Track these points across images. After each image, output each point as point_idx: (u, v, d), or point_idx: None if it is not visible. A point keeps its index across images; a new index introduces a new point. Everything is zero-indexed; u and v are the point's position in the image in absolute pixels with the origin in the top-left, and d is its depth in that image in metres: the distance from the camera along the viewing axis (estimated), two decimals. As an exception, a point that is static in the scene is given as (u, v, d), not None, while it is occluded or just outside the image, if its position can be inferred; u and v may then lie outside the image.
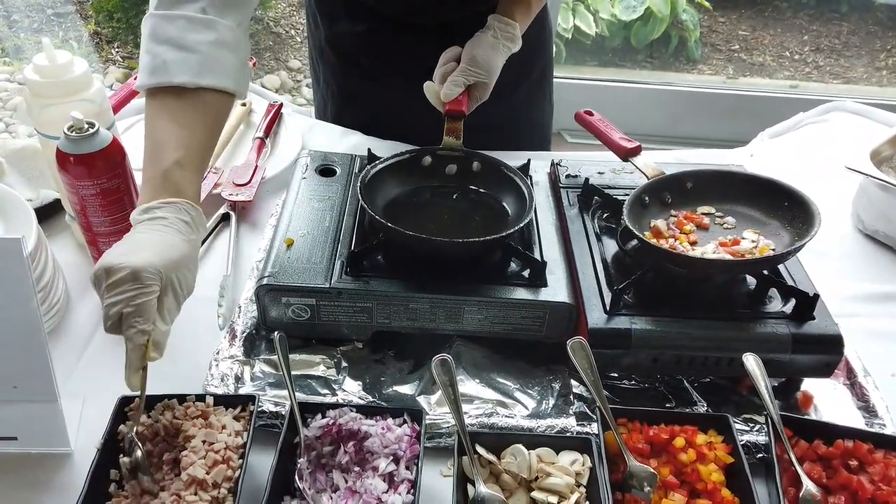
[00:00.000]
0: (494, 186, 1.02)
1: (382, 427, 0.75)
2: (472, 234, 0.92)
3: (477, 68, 0.99)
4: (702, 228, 0.93)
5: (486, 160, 1.03)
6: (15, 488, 0.75)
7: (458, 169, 1.03)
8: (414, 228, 0.86)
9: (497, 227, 0.95)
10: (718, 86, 3.14)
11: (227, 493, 0.69)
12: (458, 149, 1.02)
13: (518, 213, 0.96)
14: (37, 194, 1.06)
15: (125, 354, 0.71)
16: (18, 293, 0.70)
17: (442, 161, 1.03)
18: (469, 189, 1.03)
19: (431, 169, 1.03)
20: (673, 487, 0.72)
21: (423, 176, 1.02)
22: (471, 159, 1.03)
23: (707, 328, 0.83)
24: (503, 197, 1.01)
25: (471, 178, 1.03)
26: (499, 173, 1.01)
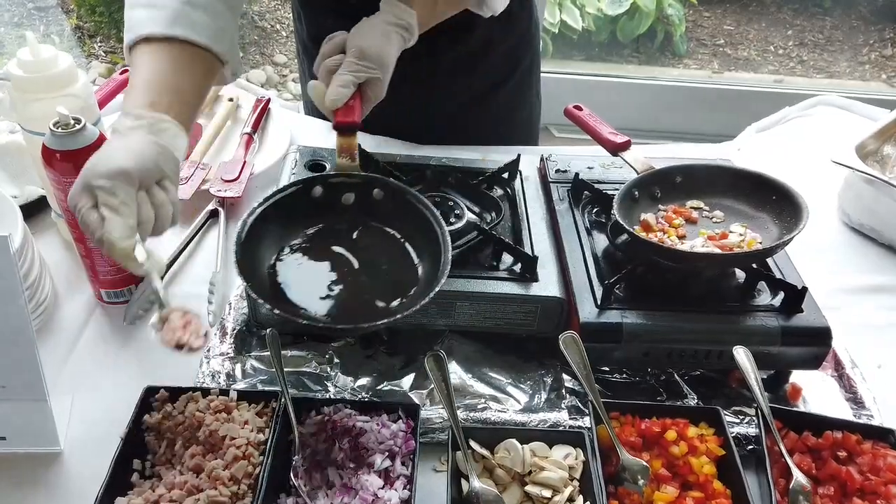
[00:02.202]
0: (400, 221, 0.83)
1: (377, 423, 0.74)
2: (380, 290, 0.78)
3: (367, 62, 0.82)
4: (691, 222, 0.94)
5: (389, 187, 0.84)
6: (3, 488, 0.74)
7: (357, 198, 0.84)
8: (311, 292, 0.75)
9: (405, 282, 0.79)
10: (704, 80, 3.16)
11: (248, 489, 0.68)
12: (355, 173, 0.83)
13: (431, 264, 0.79)
14: (21, 191, 1.05)
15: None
16: (5, 291, 0.69)
17: (336, 190, 0.84)
18: (371, 225, 0.84)
19: (324, 201, 0.83)
20: (665, 480, 0.72)
21: (315, 212, 0.83)
22: (371, 185, 0.84)
23: (697, 321, 0.83)
24: (410, 237, 0.83)
25: (373, 210, 0.84)
26: (405, 204, 0.82)
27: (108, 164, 0.70)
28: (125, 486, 0.70)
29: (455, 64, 1.20)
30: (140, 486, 0.70)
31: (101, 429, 0.80)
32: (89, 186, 0.70)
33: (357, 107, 0.82)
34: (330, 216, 0.84)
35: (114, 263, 0.90)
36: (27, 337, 0.71)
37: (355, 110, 0.82)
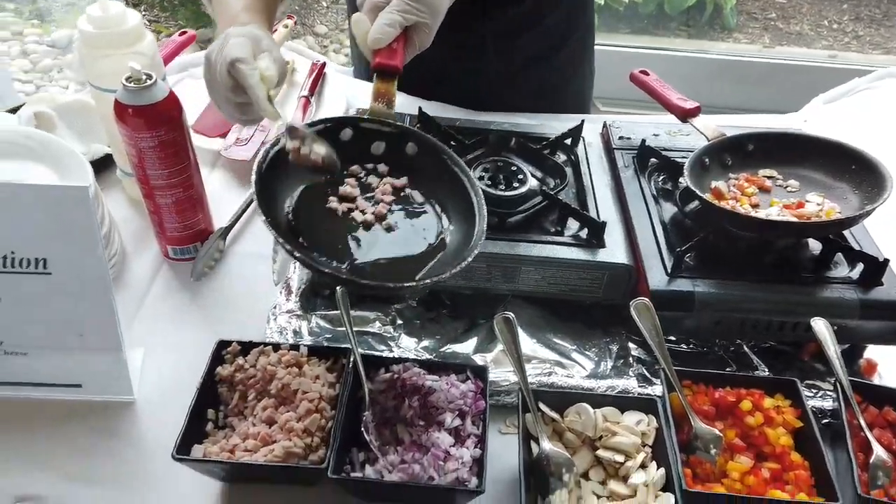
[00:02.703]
0: (432, 182, 0.78)
1: (446, 383, 0.74)
2: (405, 252, 0.73)
3: (419, 4, 0.75)
4: (764, 191, 0.91)
5: (425, 142, 0.78)
6: (80, 434, 0.76)
7: (387, 149, 0.79)
8: (329, 242, 0.70)
9: (433, 246, 0.74)
10: (754, 55, 3.07)
11: (321, 441, 0.69)
12: (390, 121, 0.77)
13: (461, 232, 0.74)
14: (87, 149, 1.06)
15: (249, 94, 0.75)
16: (85, 242, 0.70)
17: (367, 136, 0.78)
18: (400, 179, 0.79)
19: (353, 146, 0.77)
20: (739, 450, 0.71)
21: (344, 155, 0.75)
22: (405, 138, 0.78)
23: (772, 292, 0.81)
24: (441, 201, 0.78)
25: (403, 165, 0.79)
26: (440, 164, 0.77)
27: (257, 34, 0.80)
28: (200, 434, 0.71)
29: (506, 28, 1.18)
30: (214, 436, 0.71)
31: (170, 381, 0.81)
32: (250, 41, 0.77)
33: (400, 51, 0.76)
34: (356, 163, 0.78)
35: (182, 220, 0.91)
36: (105, 288, 0.73)
37: (398, 54, 0.75)
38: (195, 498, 0.71)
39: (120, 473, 0.74)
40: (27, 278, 0.71)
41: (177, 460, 0.67)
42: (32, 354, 0.76)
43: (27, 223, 0.69)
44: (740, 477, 0.69)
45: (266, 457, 0.67)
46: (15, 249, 0.71)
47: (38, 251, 0.71)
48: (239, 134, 1.14)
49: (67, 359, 0.76)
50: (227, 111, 0.80)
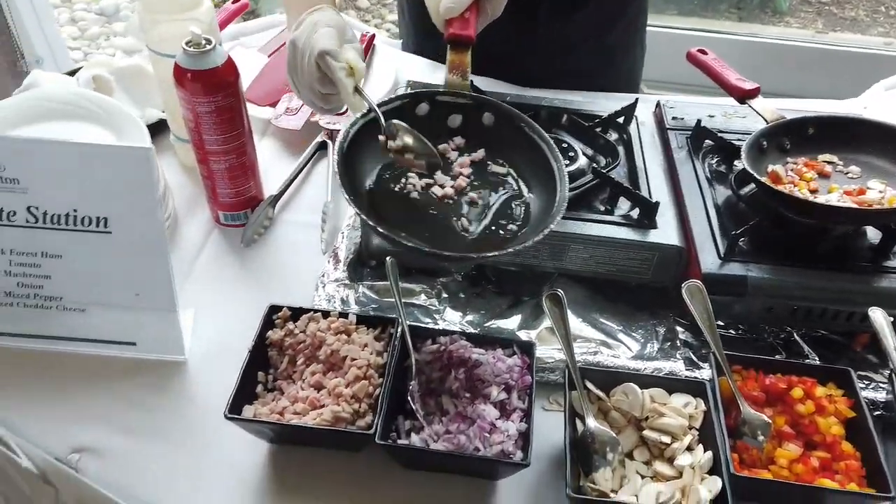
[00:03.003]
0: (510, 151, 0.77)
1: (493, 356, 0.74)
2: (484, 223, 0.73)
3: None
4: (823, 176, 0.89)
5: (502, 112, 0.77)
6: (133, 390, 0.78)
7: (464, 121, 0.79)
8: (411, 218, 0.70)
9: (514, 216, 0.74)
10: (807, 40, 2.98)
11: (368, 408, 0.70)
12: (465, 93, 0.77)
13: (542, 199, 0.74)
14: (142, 113, 1.08)
15: (338, 86, 0.74)
16: (145, 202, 0.72)
17: (443, 110, 0.78)
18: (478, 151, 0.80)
19: (429, 120, 0.77)
20: (788, 438, 0.70)
21: (420, 130, 0.74)
22: (481, 109, 0.78)
23: (829, 279, 0.80)
24: (520, 168, 0.77)
25: (481, 136, 0.78)
26: (517, 132, 0.76)
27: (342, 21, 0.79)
28: (250, 395, 0.72)
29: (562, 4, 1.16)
30: (264, 398, 0.73)
31: (219, 343, 0.83)
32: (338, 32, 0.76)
33: (472, 20, 0.75)
34: (434, 139, 0.76)
35: (234, 186, 0.92)
36: (162, 249, 0.74)
37: (470, 24, 0.75)
38: (242, 457, 0.73)
39: (171, 430, 0.76)
40: (88, 236, 0.73)
41: (228, 419, 0.68)
42: (90, 311, 0.78)
43: (90, 182, 0.71)
44: (788, 464, 0.68)
45: (315, 420, 0.68)
46: (77, 208, 0.72)
47: (99, 210, 0.72)
48: (289, 103, 1.15)
49: (123, 317, 0.78)
50: (308, 98, 0.79)
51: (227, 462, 0.73)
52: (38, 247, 0.75)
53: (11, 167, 0.70)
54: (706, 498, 0.64)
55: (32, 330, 0.79)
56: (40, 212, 0.73)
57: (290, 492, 0.71)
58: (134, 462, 0.73)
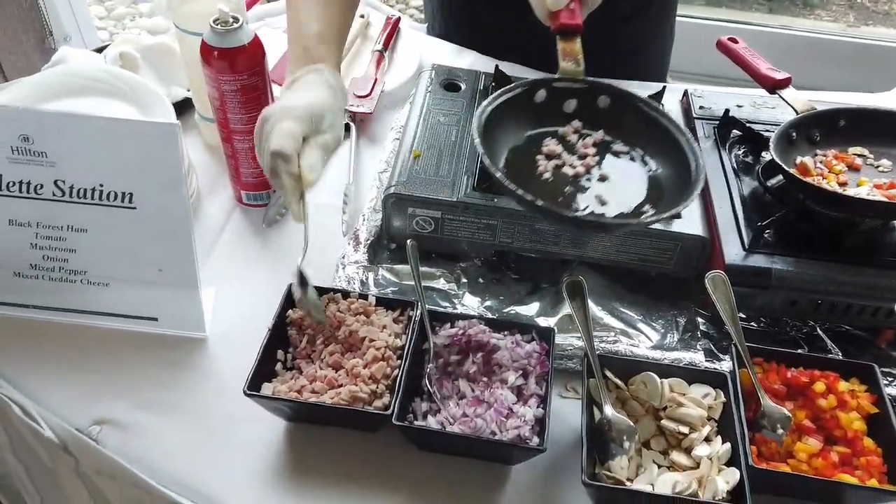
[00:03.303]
0: (629, 130, 0.80)
1: (511, 342, 0.74)
2: (616, 197, 0.74)
3: None
4: (853, 169, 0.87)
5: (617, 94, 0.80)
6: (155, 365, 0.79)
7: (579, 106, 0.81)
8: (548, 193, 0.72)
9: (643, 189, 0.76)
10: (838, 33, 2.92)
11: (385, 389, 0.70)
12: (580, 78, 0.79)
13: (673, 175, 0.75)
14: (167, 91, 1.08)
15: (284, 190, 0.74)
16: (171, 178, 0.72)
17: (559, 95, 0.80)
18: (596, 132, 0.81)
19: (547, 107, 0.80)
20: (808, 432, 0.69)
21: (537, 117, 0.79)
22: (596, 92, 0.80)
23: (855, 274, 0.78)
24: (643, 146, 0.79)
25: (597, 119, 0.81)
26: (635, 111, 0.79)
27: (339, 130, 0.79)
28: (269, 373, 0.73)
29: None
30: (282, 376, 0.73)
31: (239, 321, 0.83)
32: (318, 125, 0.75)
33: (577, 9, 0.78)
34: (551, 123, 0.80)
35: (257, 166, 0.92)
36: (185, 225, 0.75)
37: (576, 13, 0.77)
38: (260, 435, 0.74)
39: (191, 405, 0.76)
40: (114, 211, 0.74)
41: (248, 396, 0.69)
42: (114, 286, 0.79)
43: (117, 157, 0.72)
44: (807, 458, 0.67)
45: (333, 399, 0.69)
46: (104, 182, 0.73)
47: (125, 185, 0.73)
48: (313, 85, 1.15)
49: (146, 293, 0.79)
50: (265, 171, 0.78)
51: (244, 439, 0.73)
52: (65, 220, 0.75)
53: (39, 140, 0.71)
54: (723, 489, 0.63)
55: (57, 303, 0.80)
56: (67, 185, 0.73)
57: (306, 470, 0.72)
58: (153, 435, 0.74)
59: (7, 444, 0.84)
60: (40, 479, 0.88)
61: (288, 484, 0.70)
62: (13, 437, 0.83)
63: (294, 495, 0.70)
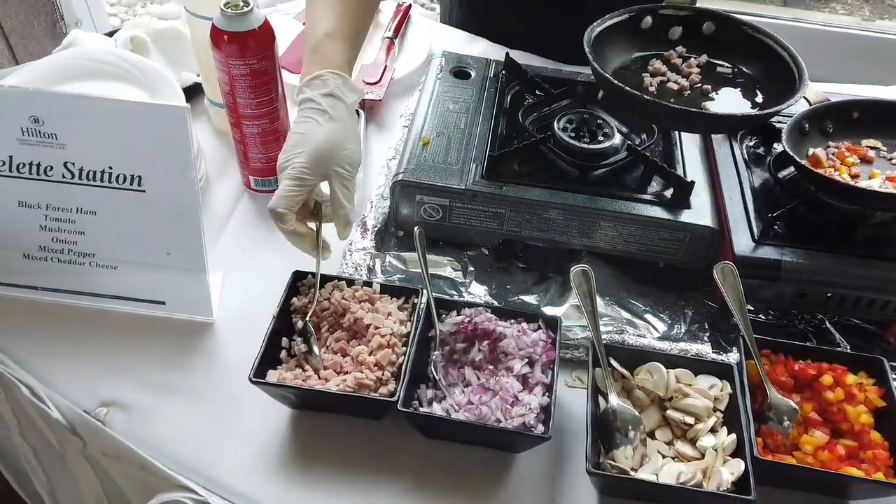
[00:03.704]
0: (733, 53, 0.86)
1: (518, 330, 0.74)
2: (722, 106, 0.82)
3: None
4: (865, 162, 0.86)
5: (722, 19, 0.86)
6: (162, 349, 0.80)
7: (684, 32, 0.89)
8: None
9: (751, 103, 0.82)
10: (854, 27, 2.89)
11: (391, 376, 0.70)
12: (686, 6, 0.87)
13: (775, 88, 0.81)
14: (177, 76, 1.08)
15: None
16: (179, 161, 0.72)
17: (665, 23, 0.88)
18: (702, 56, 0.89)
19: (652, 34, 0.88)
20: (815, 425, 0.69)
21: (643, 43, 0.88)
22: (701, 19, 0.87)
23: (866, 267, 0.78)
24: (748, 66, 0.85)
25: (700, 44, 0.87)
26: (740, 35, 0.85)
27: (352, 155, 0.78)
28: (275, 360, 0.73)
29: None
30: (287, 363, 0.73)
31: (247, 307, 0.83)
32: (334, 170, 0.76)
33: None
34: (656, 49, 0.88)
35: (266, 151, 0.92)
36: (194, 209, 0.75)
37: None
38: (265, 421, 0.74)
39: (197, 389, 0.77)
40: (122, 194, 0.74)
41: (253, 383, 0.69)
42: (122, 269, 0.79)
43: (126, 140, 0.72)
44: (813, 451, 0.67)
45: (338, 386, 0.69)
46: (113, 165, 0.73)
47: (134, 168, 0.73)
48: (322, 72, 1.14)
49: (154, 276, 0.79)
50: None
51: (250, 424, 0.74)
52: (74, 203, 0.76)
53: (50, 122, 0.71)
54: (728, 480, 0.63)
55: (65, 285, 0.80)
56: (76, 168, 0.74)
57: (310, 456, 0.72)
58: (160, 418, 0.74)
59: (15, 425, 0.84)
60: (48, 460, 0.89)
61: (292, 469, 0.71)
62: (21, 419, 0.83)
63: (298, 481, 0.70)
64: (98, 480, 0.81)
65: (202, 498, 0.68)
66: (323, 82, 0.78)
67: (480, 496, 0.70)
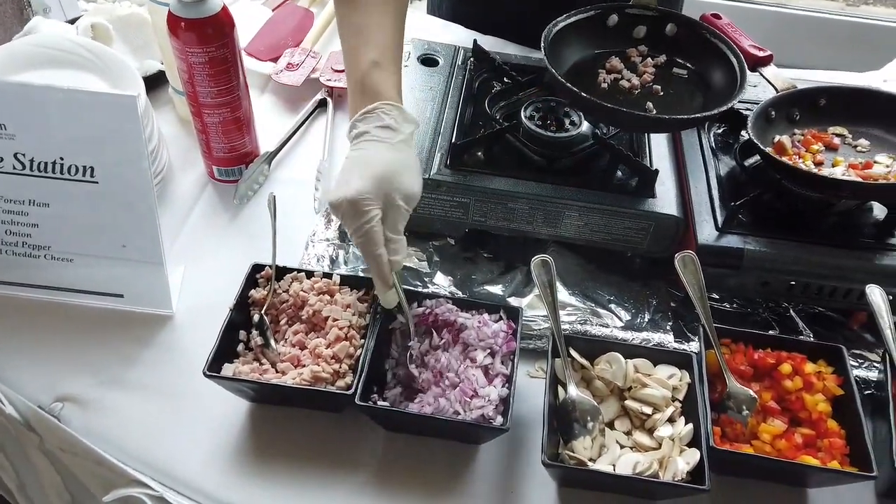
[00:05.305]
0: (691, 56, 0.89)
1: (479, 321, 0.74)
2: (671, 104, 0.84)
3: None
4: (831, 149, 0.86)
5: (684, 21, 0.90)
6: (120, 342, 0.79)
7: (648, 32, 0.91)
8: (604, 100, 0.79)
9: (691, 106, 0.85)
10: (836, 12, 2.88)
11: (349, 368, 0.70)
12: (651, 6, 0.90)
13: (722, 92, 0.84)
14: (141, 64, 1.06)
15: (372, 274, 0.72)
16: (131, 151, 0.71)
17: (630, 21, 0.91)
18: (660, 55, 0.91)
19: (617, 31, 0.91)
20: (773, 413, 0.69)
21: (606, 39, 0.91)
22: (665, 20, 0.90)
23: (828, 255, 0.77)
24: (702, 68, 0.88)
25: (662, 45, 0.91)
26: (698, 39, 0.88)
27: (412, 185, 0.72)
28: (232, 354, 0.72)
29: None
30: (245, 356, 0.72)
31: (209, 299, 0.82)
32: (388, 200, 0.70)
33: None
34: (619, 46, 0.90)
35: (228, 141, 0.91)
36: (148, 200, 0.73)
37: None
38: (225, 414, 0.73)
39: (155, 383, 0.76)
40: (75, 186, 0.73)
41: (207, 377, 0.68)
42: (77, 262, 0.78)
43: (76, 130, 0.70)
44: (771, 440, 0.67)
45: (295, 380, 0.68)
46: (64, 156, 0.72)
47: (86, 159, 0.72)
48: (290, 59, 1.13)
49: (110, 269, 0.78)
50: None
51: (209, 418, 0.73)
52: (26, 195, 0.74)
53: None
54: (683, 469, 0.63)
55: (20, 278, 0.79)
56: (27, 159, 0.72)
57: (269, 449, 0.71)
58: (116, 413, 0.73)
59: (-21, 420, 0.83)
60: (14, 455, 0.88)
61: (250, 463, 0.70)
62: (-17, 414, 0.82)
63: (256, 475, 0.69)
64: (58, 475, 0.81)
65: (157, 493, 0.68)
66: (377, 116, 0.74)
67: (440, 488, 0.69)
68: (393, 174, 0.70)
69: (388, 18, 0.78)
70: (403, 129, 0.74)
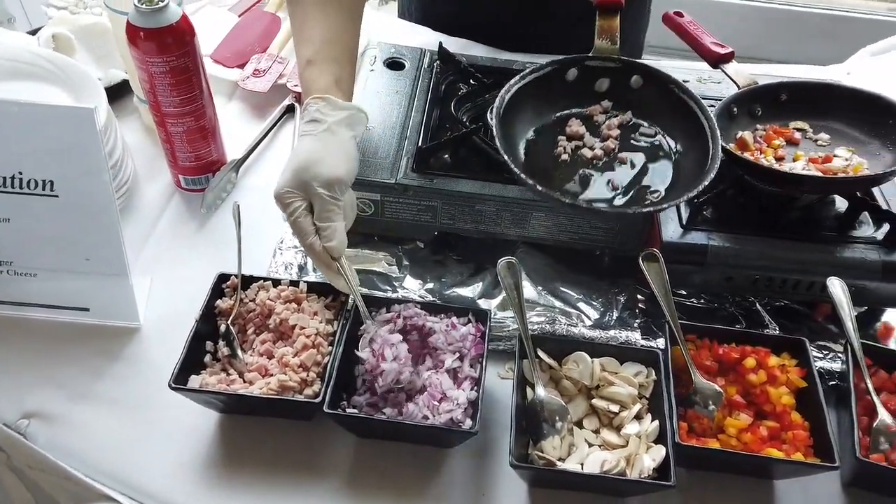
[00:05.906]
0: (657, 113, 0.81)
1: (447, 325, 0.74)
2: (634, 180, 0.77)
3: None
4: (792, 144, 0.87)
5: (650, 73, 0.81)
6: (87, 356, 0.78)
7: (612, 85, 0.83)
8: (562, 178, 0.75)
9: (660, 176, 0.78)
10: (808, 4, 2.92)
11: (316, 376, 0.69)
12: (614, 57, 0.81)
13: (696, 161, 0.76)
14: (104, 74, 1.05)
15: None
16: (90, 164, 0.70)
17: (591, 74, 0.82)
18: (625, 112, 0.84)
19: (577, 86, 0.82)
20: (739, 407, 0.70)
21: (566, 97, 0.82)
22: (630, 72, 0.82)
23: (790, 249, 0.78)
24: (669, 129, 0.81)
25: (627, 99, 0.82)
26: (666, 93, 0.80)
27: (330, 171, 0.71)
28: (199, 365, 0.72)
29: None
30: (212, 367, 0.72)
31: (176, 310, 0.82)
32: (307, 190, 0.71)
33: None
34: (582, 103, 0.83)
35: (193, 150, 0.90)
36: (110, 212, 0.73)
37: None
38: (194, 425, 0.73)
39: (123, 396, 0.75)
40: (35, 200, 0.72)
41: (174, 389, 0.68)
42: (41, 276, 0.77)
43: (34, 144, 0.70)
44: (737, 433, 0.68)
45: (262, 389, 0.68)
46: (22, 170, 0.71)
47: (45, 173, 0.71)
48: (257, 65, 1.12)
49: (75, 282, 0.77)
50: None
51: (178, 430, 0.72)
52: (-14, 210, 0.73)
53: (-47, 127, 0.69)
54: (650, 466, 0.64)
55: (-17, 294, 0.78)
56: (-16, 174, 0.71)
57: (239, 460, 0.71)
58: (84, 427, 0.73)
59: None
60: (-16, 472, 0.87)
61: (220, 474, 0.70)
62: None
63: (226, 485, 0.69)
64: (29, 492, 0.80)
65: (126, 508, 0.67)
66: (307, 111, 0.75)
67: (412, 493, 0.70)
68: (309, 164, 0.71)
69: (324, 14, 0.79)
70: (328, 119, 0.74)
